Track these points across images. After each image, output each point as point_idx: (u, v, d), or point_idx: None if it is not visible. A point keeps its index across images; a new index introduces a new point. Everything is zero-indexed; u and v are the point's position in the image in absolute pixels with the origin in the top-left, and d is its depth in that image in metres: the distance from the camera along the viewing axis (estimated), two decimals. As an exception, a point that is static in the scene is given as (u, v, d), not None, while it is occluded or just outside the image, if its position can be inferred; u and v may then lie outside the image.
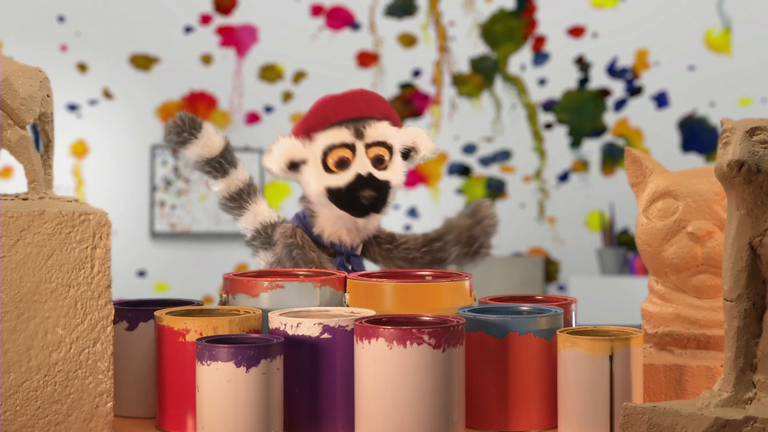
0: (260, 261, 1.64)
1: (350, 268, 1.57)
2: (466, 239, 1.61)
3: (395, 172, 1.57)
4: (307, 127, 1.57)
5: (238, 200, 1.64)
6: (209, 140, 1.60)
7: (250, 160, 5.24)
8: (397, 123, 1.60)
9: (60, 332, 1.14)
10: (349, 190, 1.53)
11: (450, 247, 1.60)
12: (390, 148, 1.56)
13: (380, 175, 1.54)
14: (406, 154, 1.60)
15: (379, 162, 1.55)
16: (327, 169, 1.54)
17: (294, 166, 1.56)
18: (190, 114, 1.61)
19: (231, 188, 1.63)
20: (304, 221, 1.59)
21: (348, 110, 1.57)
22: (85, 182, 5.12)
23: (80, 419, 1.15)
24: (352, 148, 1.54)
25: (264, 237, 1.63)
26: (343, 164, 1.54)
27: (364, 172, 1.53)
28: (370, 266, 1.65)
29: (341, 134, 1.54)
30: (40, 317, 1.14)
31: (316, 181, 1.54)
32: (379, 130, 1.56)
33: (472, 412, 1.24)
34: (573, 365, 1.17)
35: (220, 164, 1.61)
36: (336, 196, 1.54)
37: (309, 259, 1.53)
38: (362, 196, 1.53)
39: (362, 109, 1.57)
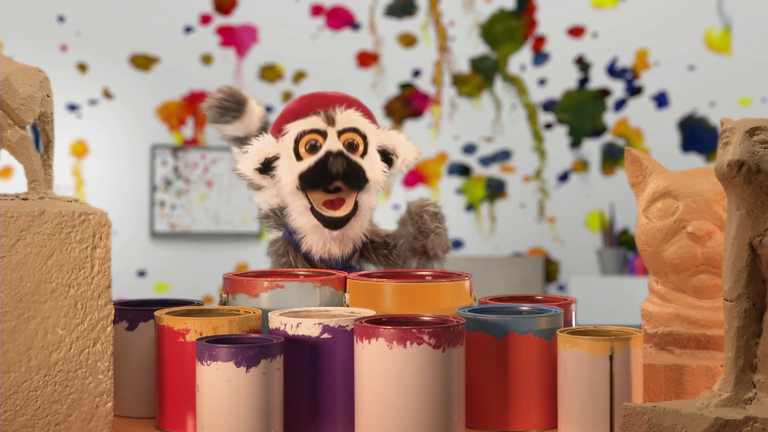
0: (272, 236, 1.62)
1: None
2: (420, 248, 1.55)
3: (371, 164, 1.50)
4: (278, 124, 1.53)
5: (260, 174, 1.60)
6: (250, 122, 1.57)
7: (250, 160, 5.24)
8: (374, 122, 1.55)
9: (60, 332, 1.14)
10: (318, 166, 1.46)
11: (406, 254, 1.55)
12: (364, 137, 1.50)
13: (353, 157, 1.48)
14: (388, 160, 1.54)
15: (352, 148, 1.49)
16: (299, 158, 1.49)
17: (268, 166, 1.50)
18: (236, 92, 1.57)
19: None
20: (293, 238, 1.54)
21: (320, 103, 1.52)
22: (85, 182, 5.12)
23: (80, 419, 1.15)
24: (323, 134, 1.49)
25: (281, 218, 1.59)
26: (314, 149, 1.48)
27: (334, 149, 1.47)
28: None
29: (312, 121, 1.49)
30: (40, 317, 1.14)
31: (288, 172, 1.49)
32: (351, 116, 1.51)
33: (472, 412, 1.24)
34: (573, 365, 1.17)
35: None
36: (305, 177, 1.47)
37: None
38: (330, 165, 1.45)
39: (335, 102, 1.52)
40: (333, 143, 1.48)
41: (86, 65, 5.12)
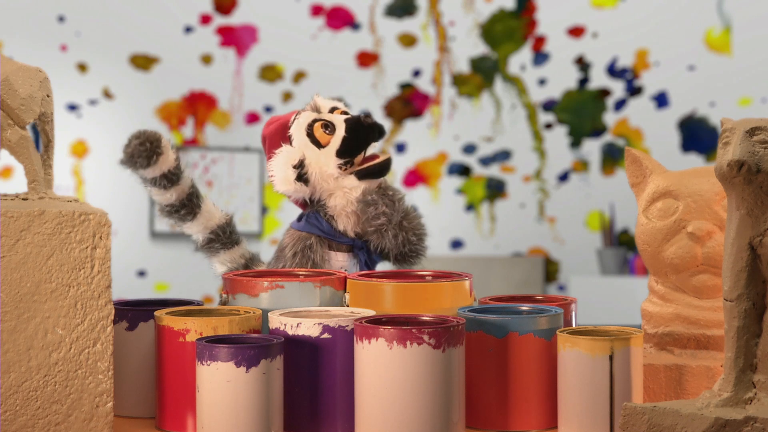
0: (219, 263, 1.59)
1: (368, 262, 1.54)
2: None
3: None
4: (275, 139, 1.55)
5: (189, 205, 1.57)
6: (167, 154, 1.54)
7: (250, 160, 5.24)
8: None
9: (60, 332, 1.14)
10: (352, 127, 1.52)
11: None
12: (346, 111, 1.58)
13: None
14: None
15: None
16: (319, 145, 1.53)
17: (300, 171, 1.51)
18: (147, 132, 1.53)
19: (182, 195, 1.57)
20: (320, 225, 1.54)
21: (289, 117, 1.58)
22: (85, 182, 5.12)
23: (80, 419, 1.15)
24: (325, 119, 1.54)
25: (224, 237, 1.58)
26: (328, 127, 1.53)
27: (350, 115, 1.56)
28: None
29: (308, 114, 1.55)
30: (40, 317, 1.14)
31: (325, 160, 1.52)
32: (325, 99, 1.58)
33: (472, 412, 1.24)
34: (573, 365, 1.17)
35: (175, 175, 1.55)
36: (345, 146, 1.52)
37: None
38: (365, 122, 1.53)
39: (294, 114, 1.59)
40: (339, 116, 1.55)
41: (86, 65, 5.12)
